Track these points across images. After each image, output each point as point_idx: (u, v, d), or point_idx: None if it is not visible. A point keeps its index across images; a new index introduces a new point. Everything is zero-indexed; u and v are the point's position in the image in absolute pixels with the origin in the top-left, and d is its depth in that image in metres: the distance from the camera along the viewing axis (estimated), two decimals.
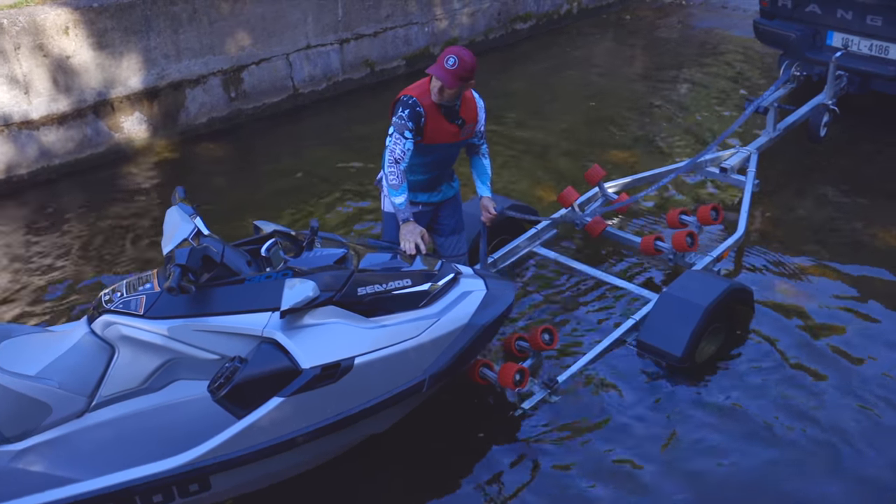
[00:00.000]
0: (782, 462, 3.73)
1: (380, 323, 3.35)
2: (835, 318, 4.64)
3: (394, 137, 3.87)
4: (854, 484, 3.61)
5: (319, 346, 3.18)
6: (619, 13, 10.16)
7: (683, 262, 4.85)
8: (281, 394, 3.13)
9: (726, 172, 5.65)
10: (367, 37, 7.87)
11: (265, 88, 7.28)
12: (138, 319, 3.15)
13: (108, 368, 3.15)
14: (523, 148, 6.66)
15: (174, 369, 3.21)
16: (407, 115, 3.82)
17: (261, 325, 3.17)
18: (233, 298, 3.19)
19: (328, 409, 3.26)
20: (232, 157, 6.72)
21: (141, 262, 5.31)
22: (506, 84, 8.05)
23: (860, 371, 4.25)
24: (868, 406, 4.03)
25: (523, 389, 3.94)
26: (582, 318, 4.68)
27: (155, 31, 6.45)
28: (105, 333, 3.18)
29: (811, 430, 3.90)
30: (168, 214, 3.39)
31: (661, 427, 3.93)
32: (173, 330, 3.14)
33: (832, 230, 5.51)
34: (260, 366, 3.12)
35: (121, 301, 3.20)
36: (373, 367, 3.27)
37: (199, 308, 3.17)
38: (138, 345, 3.15)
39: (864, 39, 6.47)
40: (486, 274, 3.91)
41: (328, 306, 3.25)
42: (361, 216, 5.77)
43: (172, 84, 6.69)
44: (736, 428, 3.92)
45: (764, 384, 4.18)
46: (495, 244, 4.97)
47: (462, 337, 3.52)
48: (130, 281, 3.33)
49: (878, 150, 6.48)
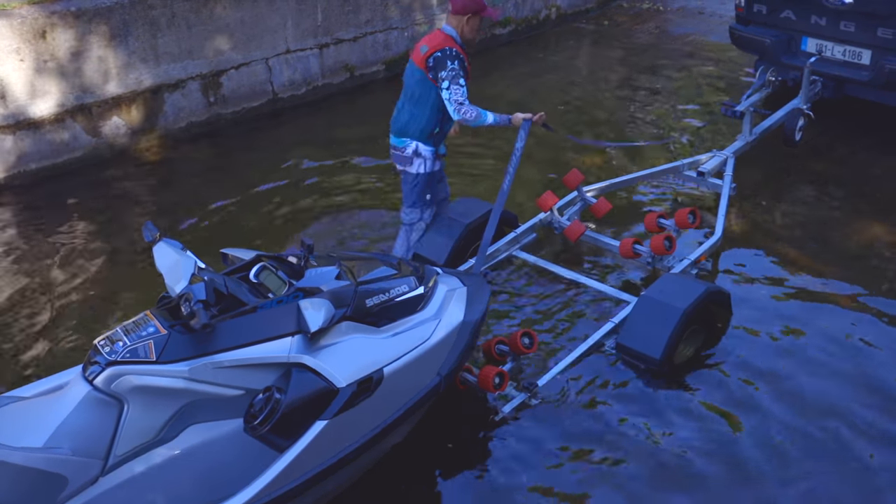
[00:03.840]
0: (762, 463, 3.77)
1: (392, 331, 3.36)
2: (812, 319, 4.70)
3: (452, 89, 4.47)
4: (838, 485, 3.66)
5: (348, 362, 3.15)
6: (597, 19, 10.23)
7: (662, 266, 4.90)
8: (324, 416, 3.06)
9: (703, 176, 5.71)
10: (346, 41, 7.87)
11: (245, 93, 7.27)
12: (153, 366, 2.95)
13: (118, 424, 2.96)
14: (501, 153, 6.68)
15: (187, 415, 3.09)
16: (458, 66, 4.52)
17: (285, 351, 3.09)
18: (249, 329, 3.07)
19: (368, 422, 3.24)
20: (211, 161, 6.70)
21: (120, 266, 5.28)
22: (485, 89, 8.07)
23: (839, 372, 4.31)
24: (846, 406, 4.08)
25: (503, 393, 3.96)
26: (561, 321, 4.71)
27: (133, 36, 6.42)
28: (113, 387, 2.95)
29: (791, 430, 3.94)
30: (158, 252, 3.20)
31: (640, 429, 3.97)
32: (194, 371, 2.99)
33: (808, 232, 5.59)
34: (300, 392, 3.02)
35: (126, 350, 2.95)
36: (400, 375, 3.27)
37: (215, 344, 3.02)
38: (151, 394, 2.98)
39: (837, 45, 6.56)
40: (455, 272, 3.97)
41: (343, 322, 3.22)
42: (342, 221, 5.77)
43: (151, 88, 6.66)
44: (716, 428, 3.96)
45: (742, 386, 4.23)
46: (474, 248, 4.99)
47: (462, 334, 3.57)
48: (125, 326, 3.08)
49: (852, 153, 6.57)
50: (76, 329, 4.70)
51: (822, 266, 5.19)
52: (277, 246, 5.40)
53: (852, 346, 4.49)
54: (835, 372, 4.31)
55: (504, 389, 3.94)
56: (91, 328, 4.68)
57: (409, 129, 4.66)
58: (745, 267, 5.21)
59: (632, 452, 3.83)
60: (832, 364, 4.36)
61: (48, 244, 5.54)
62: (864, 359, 4.39)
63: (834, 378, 4.27)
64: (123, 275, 5.21)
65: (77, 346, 4.57)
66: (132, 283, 5.12)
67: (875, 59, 6.36)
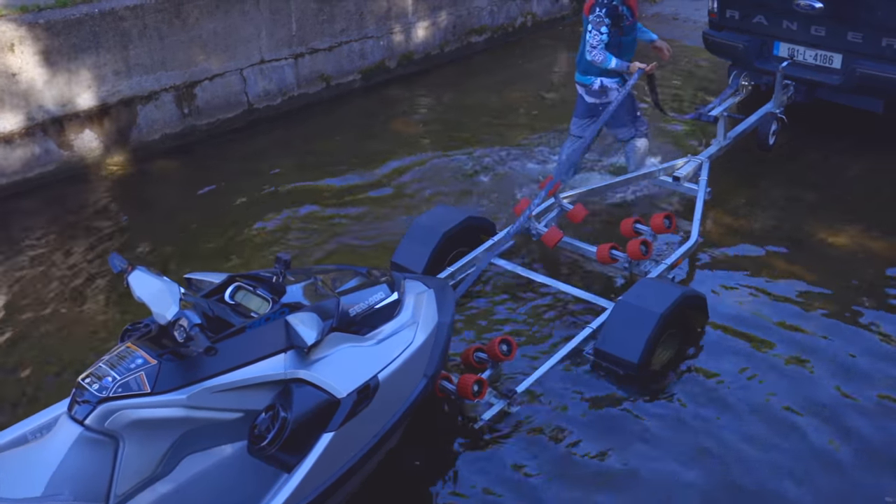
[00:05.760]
0: (739, 464, 3.77)
1: (376, 338, 3.39)
2: (788, 321, 4.73)
3: (592, 33, 5.40)
4: (809, 485, 3.67)
5: (344, 372, 3.17)
6: (572, 25, 10.27)
7: (638, 271, 4.90)
8: (329, 429, 3.07)
9: (679, 181, 5.73)
10: (322, 51, 7.85)
11: (219, 104, 7.23)
12: (149, 398, 2.86)
13: (116, 463, 2.88)
14: (478, 160, 6.68)
15: (183, 445, 3.03)
16: (605, 13, 5.35)
17: (281, 368, 3.08)
18: (241, 349, 3.03)
19: (370, 429, 3.26)
20: (186, 174, 6.65)
21: (94, 283, 5.22)
22: (462, 97, 8.09)
23: (814, 373, 4.33)
24: (821, 407, 4.10)
25: (482, 400, 3.95)
26: (540, 327, 4.70)
27: (104, 48, 6.37)
28: (108, 425, 2.84)
29: (768, 432, 3.95)
30: (135, 281, 3.03)
31: (620, 433, 3.96)
32: (193, 398, 2.92)
33: (782, 236, 5.62)
34: (304, 407, 3.03)
35: (117, 385, 2.85)
36: (393, 380, 3.31)
37: (209, 368, 2.96)
38: (148, 427, 2.90)
39: (809, 49, 6.62)
40: (417, 276, 4.02)
41: (331, 333, 3.22)
42: (318, 232, 5.74)
43: (123, 100, 6.60)
44: (693, 432, 3.97)
45: (720, 388, 4.24)
46: (452, 256, 4.98)
47: (439, 336, 3.60)
48: (108, 360, 2.96)
49: (825, 157, 6.62)
50: (42, 350, 4.64)
51: (797, 269, 5.22)
52: (254, 260, 5.36)
53: (828, 349, 4.51)
54: (809, 375, 4.33)
55: (483, 397, 3.92)
56: (60, 350, 4.62)
57: (591, 68, 5.62)
58: (721, 270, 5.23)
59: (609, 455, 3.82)
60: (807, 367, 4.38)
61: (19, 260, 5.46)
62: (839, 361, 4.41)
63: (808, 381, 4.28)
64: (97, 291, 5.14)
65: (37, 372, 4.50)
66: (106, 299, 5.05)
67: (846, 63, 6.42)
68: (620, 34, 5.50)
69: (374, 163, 6.67)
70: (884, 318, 4.75)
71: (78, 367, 4.11)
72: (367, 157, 6.76)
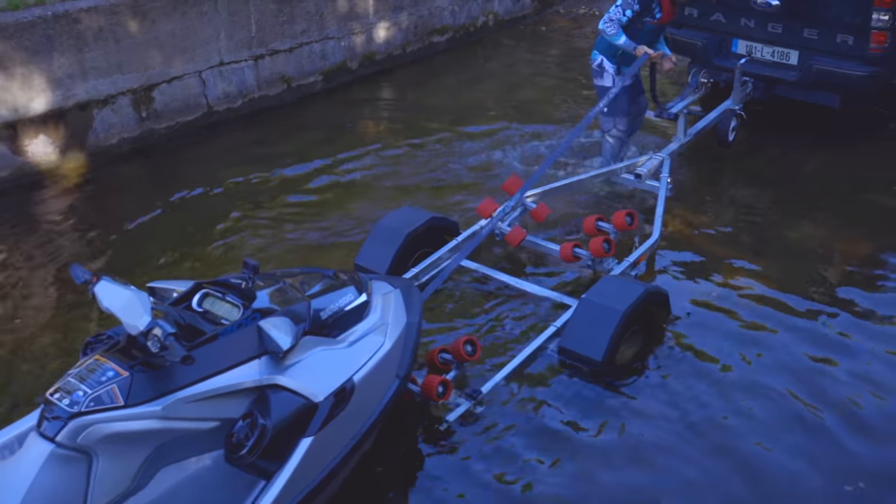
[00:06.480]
0: (705, 460, 3.80)
1: (347, 340, 3.37)
2: (749, 315, 4.77)
3: (614, 9, 5.55)
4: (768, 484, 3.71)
5: (320, 376, 3.16)
6: (534, 24, 10.31)
7: (602, 268, 4.92)
8: (308, 433, 3.05)
9: (641, 178, 5.76)
10: (282, 52, 7.78)
11: (178, 107, 7.12)
12: (123, 411, 2.78)
13: (89, 480, 2.79)
14: (444, 160, 6.67)
15: (157, 458, 2.96)
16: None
17: (256, 374, 3.05)
18: (215, 357, 2.98)
19: (348, 432, 3.25)
20: (145, 178, 6.54)
21: (49, 291, 5.11)
22: (425, 97, 8.07)
23: (775, 367, 4.37)
24: (783, 401, 4.14)
25: (447, 402, 3.93)
26: (504, 327, 4.69)
27: (58, 51, 6.24)
28: (80, 440, 2.76)
29: (729, 427, 3.99)
30: (102, 292, 2.92)
31: (584, 431, 3.97)
32: (168, 408, 2.86)
33: (743, 231, 5.68)
34: (283, 412, 3.01)
35: (88, 399, 2.76)
36: (367, 381, 3.30)
37: (182, 378, 2.90)
38: (122, 441, 2.83)
39: (766, 46, 6.70)
40: (383, 277, 4.03)
41: (304, 337, 3.21)
42: (281, 235, 5.68)
43: (79, 104, 6.48)
44: (658, 428, 3.98)
45: (683, 384, 4.26)
46: (417, 257, 4.96)
47: (409, 336, 3.60)
48: (77, 373, 2.86)
49: (783, 153, 6.71)
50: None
51: (758, 263, 5.28)
52: (217, 266, 5.29)
53: (787, 343, 4.56)
54: (770, 368, 4.37)
55: (448, 398, 3.90)
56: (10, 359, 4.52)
57: (599, 45, 5.81)
58: (684, 266, 5.28)
59: (574, 454, 3.83)
60: (769, 361, 4.42)
61: None
62: (797, 355, 4.46)
63: (770, 373, 4.32)
64: (51, 301, 5.04)
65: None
66: (60, 309, 4.96)
67: (802, 60, 6.51)
68: (639, 27, 5.61)
69: (337, 164, 6.62)
70: (841, 313, 4.81)
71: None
72: (329, 158, 6.71)
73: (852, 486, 3.66)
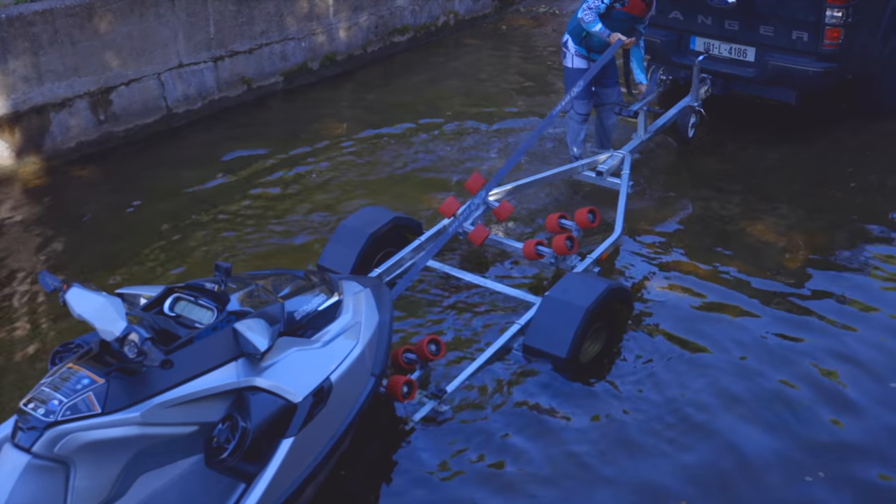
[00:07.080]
0: (673, 455, 3.85)
1: (322, 340, 3.38)
2: (712, 310, 4.84)
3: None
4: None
5: (297, 376, 3.16)
6: (495, 24, 10.33)
7: (565, 266, 4.95)
8: (288, 434, 3.04)
9: (602, 176, 5.81)
10: (242, 53, 7.72)
11: (137, 110, 7.03)
12: (100, 419, 2.74)
13: (67, 491, 2.74)
14: (405, 160, 6.67)
15: (136, 464, 2.92)
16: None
17: (234, 377, 3.04)
18: (191, 361, 2.96)
19: (326, 432, 3.26)
20: (104, 182, 6.45)
21: (6, 298, 5.02)
22: (386, 97, 8.06)
23: (737, 360, 4.44)
24: (742, 395, 4.21)
25: (412, 402, 3.93)
26: (468, 326, 4.70)
27: (12, 54, 6.13)
28: (57, 450, 2.71)
29: (696, 423, 4.04)
30: (73, 299, 2.86)
31: (549, 428, 3.99)
32: (146, 414, 2.83)
33: (704, 225, 5.75)
34: (263, 414, 3.00)
35: (64, 408, 2.71)
36: (344, 380, 3.32)
37: (159, 383, 2.86)
38: (100, 449, 2.78)
39: (723, 43, 6.79)
40: (352, 276, 4.04)
41: (280, 338, 3.21)
42: (243, 237, 5.64)
43: (35, 108, 6.37)
44: (622, 425, 4.02)
45: (647, 379, 4.30)
46: (380, 257, 4.95)
47: (381, 334, 3.62)
48: (51, 382, 2.80)
49: (742, 148, 6.81)
50: None
51: (720, 257, 5.35)
52: (181, 269, 5.24)
53: (749, 335, 4.63)
54: (731, 362, 4.43)
55: (413, 398, 3.91)
56: None
57: (569, 25, 5.97)
58: (646, 263, 5.33)
59: (539, 454, 3.85)
60: (730, 356, 4.48)
61: None
62: (758, 348, 4.53)
63: (730, 369, 4.39)
64: (10, 307, 4.95)
65: None
66: (21, 315, 4.87)
67: (759, 56, 6.61)
68: (611, 14, 5.71)
69: (299, 164, 6.59)
70: (802, 302, 4.90)
71: None
72: (290, 158, 6.68)
73: (812, 476, 3.73)
